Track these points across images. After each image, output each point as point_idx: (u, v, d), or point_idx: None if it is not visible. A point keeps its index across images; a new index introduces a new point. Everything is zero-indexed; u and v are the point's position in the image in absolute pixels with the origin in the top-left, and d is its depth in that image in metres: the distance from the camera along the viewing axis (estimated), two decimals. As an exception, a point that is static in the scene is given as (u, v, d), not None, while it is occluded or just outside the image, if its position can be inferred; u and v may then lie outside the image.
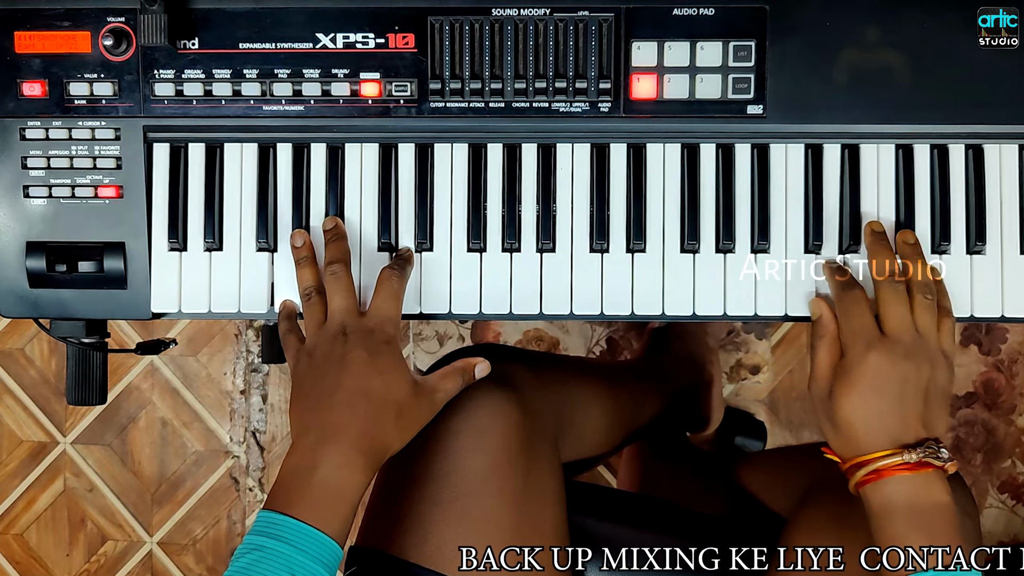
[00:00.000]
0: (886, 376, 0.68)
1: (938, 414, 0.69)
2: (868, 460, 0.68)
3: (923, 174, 0.76)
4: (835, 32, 0.75)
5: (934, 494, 0.66)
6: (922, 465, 0.66)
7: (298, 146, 0.77)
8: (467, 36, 0.75)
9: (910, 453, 0.67)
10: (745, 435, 1.32)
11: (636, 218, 0.76)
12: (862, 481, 0.68)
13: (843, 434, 0.69)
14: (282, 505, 0.65)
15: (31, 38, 0.76)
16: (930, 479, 0.66)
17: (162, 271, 0.77)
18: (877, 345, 0.69)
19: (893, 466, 0.67)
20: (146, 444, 1.41)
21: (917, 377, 0.68)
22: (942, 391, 0.70)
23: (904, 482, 0.66)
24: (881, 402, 0.68)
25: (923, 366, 0.68)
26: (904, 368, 0.68)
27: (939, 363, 0.70)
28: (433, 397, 0.73)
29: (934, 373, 0.69)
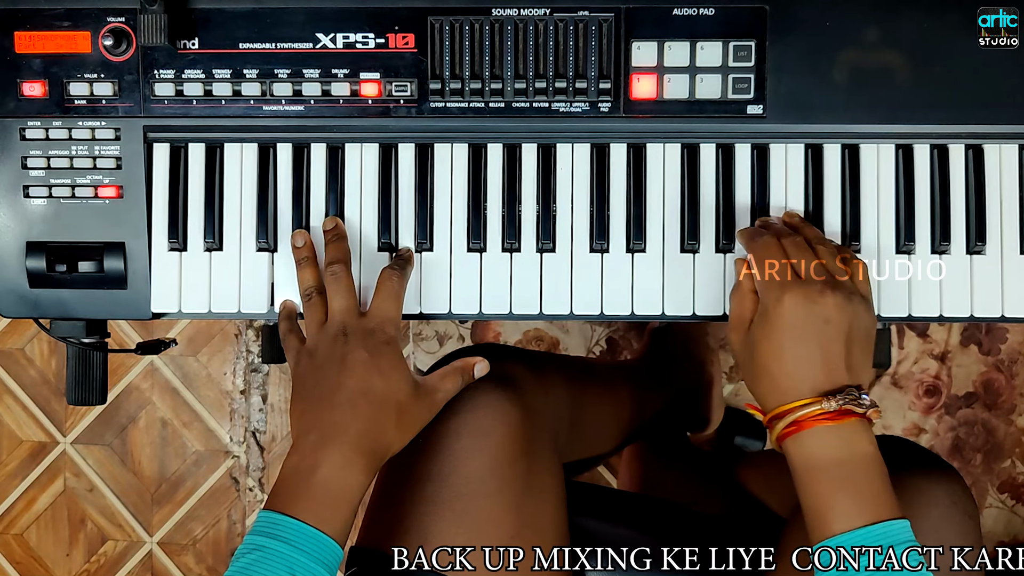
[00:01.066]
0: (805, 317, 0.65)
1: (861, 359, 0.66)
2: (787, 410, 0.65)
3: (923, 174, 0.76)
4: (835, 32, 0.75)
5: (858, 445, 0.63)
6: (843, 414, 0.63)
7: (298, 146, 0.77)
8: (467, 36, 0.75)
9: (829, 401, 0.63)
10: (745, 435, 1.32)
11: (636, 218, 0.76)
12: (782, 435, 0.65)
13: (762, 384, 0.67)
14: (282, 505, 0.65)
15: (31, 38, 0.76)
16: (854, 429, 0.63)
17: (162, 271, 0.77)
18: (792, 286, 0.66)
19: (812, 415, 0.63)
20: (146, 444, 1.41)
21: (838, 316, 0.65)
22: (865, 333, 0.67)
23: (825, 434, 0.63)
24: (800, 346, 0.65)
25: (844, 305, 0.65)
26: (823, 307, 0.65)
27: (858, 303, 0.67)
28: (433, 397, 0.73)
29: (855, 313, 0.66)
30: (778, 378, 0.66)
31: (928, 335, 1.32)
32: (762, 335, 0.67)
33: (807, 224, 0.74)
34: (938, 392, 1.32)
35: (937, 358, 1.32)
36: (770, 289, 0.67)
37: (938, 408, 1.33)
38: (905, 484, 0.75)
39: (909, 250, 0.76)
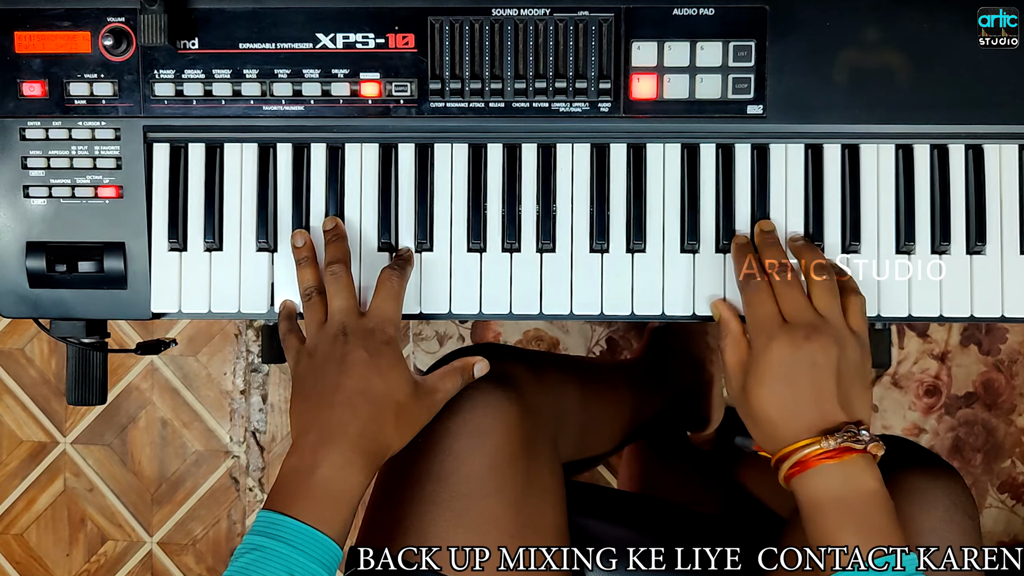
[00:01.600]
0: (792, 362, 0.67)
1: (856, 395, 0.68)
2: (790, 452, 0.66)
3: (923, 174, 0.76)
4: (835, 32, 0.75)
5: (861, 481, 0.65)
6: (844, 451, 0.65)
7: (298, 146, 0.77)
8: (467, 36, 0.75)
9: (828, 440, 0.65)
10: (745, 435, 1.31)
11: (636, 218, 0.76)
12: (788, 475, 0.67)
13: (763, 429, 0.68)
14: (282, 505, 0.65)
15: (31, 38, 0.76)
16: (857, 465, 0.65)
17: (162, 271, 0.77)
18: (778, 333, 0.68)
19: (815, 455, 0.65)
20: (146, 444, 1.41)
21: (825, 359, 0.66)
22: (856, 370, 0.68)
23: (829, 472, 0.65)
24: (792, 390, 0.67)
25: (829, 347, 0.67)
26: (809, 351, 0.66)
27: (847, 342, 0.68)
28: (433, 397, 0.73)
29: (843, 352, 0.67)
30: (776, 422, 0.67)
31: (928, 335, 1.32)
32: (755, 382, 0.68)
33: (809, 247, 0.74)
34: (938, 392, 1.32)
35: (937, 358, 1.32)
36: (758, 336, 0.69)
37: (938, 408, 1.33)
38: (905, 484, 0.76)
39: (909, 250, 0.76)
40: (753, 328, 0.70)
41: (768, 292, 0.70)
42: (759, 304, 0.70)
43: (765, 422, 0.68)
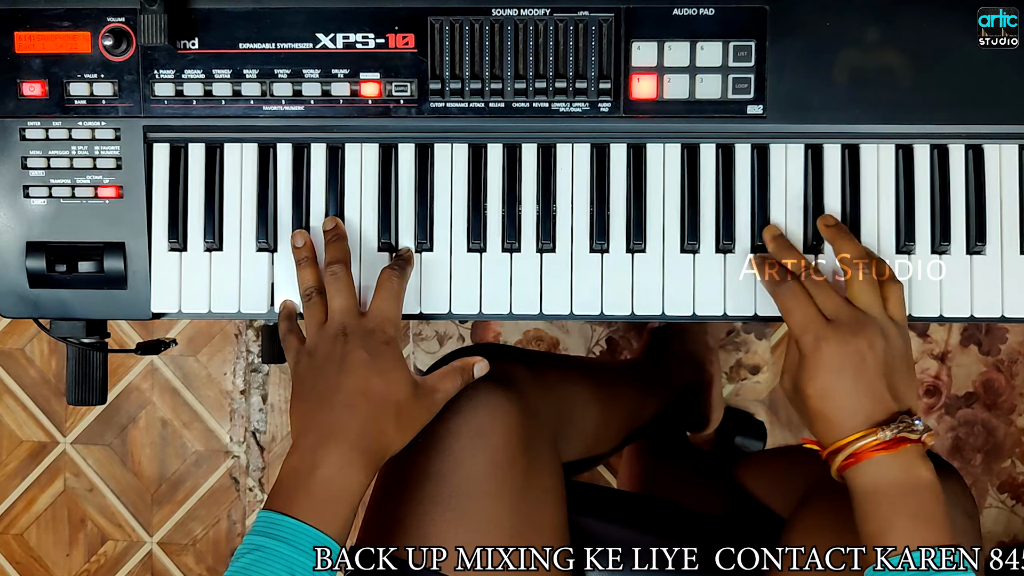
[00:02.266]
0: (841, 359, 0.67)
1: (905, 384, 0.69)
2: (844, 444, 0.67)
3: (923, 174, 0.76)
4: (835, 32, 0.75)
5: (916, 471, 0.66)
6: (899, 442, 0.66)
7: (298, 146, 0.77)
8: (467, 36, 0.75)
9: (884, 431, 0.66)
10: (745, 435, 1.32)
11: (636, 218, 0.76)
12: (842, 466, 0.67)
13: (819, 424, 0.69)
14: (282, 505, 0.65)
15: (31, 38, 0.76)
16: (910, 456, 0.66)
17: (162, 271, 0.77)
18: (823, 332, 0.68)
19: (870, 446, 0.66)
20: (146, 444, 1.41)
21: (872, 352, 0.67)
22: (902, 359, 0.69)
23: (884, 463, 0.66)
24: (843, 386, 0.67)
25: (875, 339, 0.68)
26: (856, 346, 0.67)
27: (891, 332, 0.69)
28: (433, 397, 0.73)
29: (888, 344, 0.68)
30: (831, 417, 0.68)
31: (928, 335, 1.32)
32: (807, 380, 0.69)
33: (843, 233, 0.74)
34: (938, 392, 1.32)
35: (937, 358, 1.32)
36: (803, 337, 0.69)
37: (938, 408, 1.32)
38: (905, 484, 0.75)
39: (909, 250, 0.76)
40: (797, 330, 0.70)
41: (804, 294, 0.70)
42: (797, 308, 0.70)
43: (820, 418, 0.69)
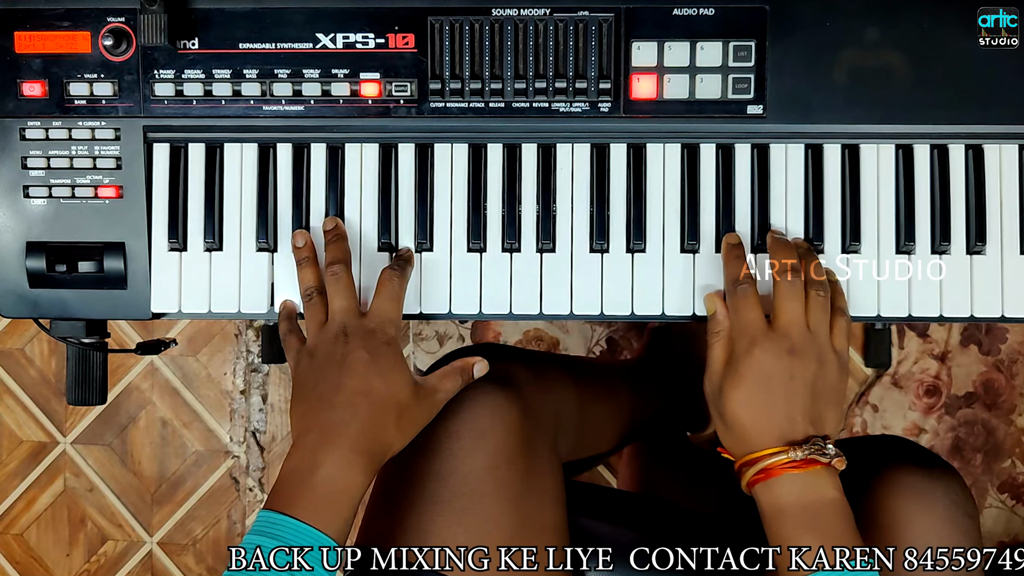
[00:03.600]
0: (771, 371, 0.68)
1: (827, 411, 0.69)
2: (756, 458, 0.68)
3: (923, 174, 0.76)
4: (835, 32, 0.75)
5: (823, 491, 0.66)
6: (809, 462, 0.66)
7: (298, 146, 0.77)
8: (467, 36, 0.75)
9: (796, 451, 0.67)
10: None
11: (636, 218, 0.76)
12: (752, 481, 0.68)
13: (733, 432, 0.70)
14: (282, 505, 0.65)
15: (31, 38, 0.76)
16: (819, 476, 0.66)
17: (162, 271, 0.77)
18: (762, 340, 0.69)
19: (780, 464, 0.67)
20: (146, 444, 1.41)
21: (803, 373, 0.68)
22: (831, 388, 0.69)
23: (792, 481, 0.67)
24: (767, 398, 0.68)
25: (809, 362, 0.68)
26: (789, 363, 0.68)
27: (828, 360, 0.69)
28: (434, 397, 0.73)
29: (822, 370, 0.69)
30: (747, 426, 0.69)
31: (928, 335, 1.32)
32: (731, 384, 0.69)
33: (814, 257, 0.74)
34: (938, 392, 1.32)
35: (937, 358, 1.32)
36: (741, 340, 0.70)
37: (938, 408, 1.32)
38: (905, 484, 0.76)
39: (909, 250, 0.76)
40: (737, 330, 0.70)
41: (756, 298, 0.71)
42: (746, 309, 0.71)
43: (735, 425, 0.69)
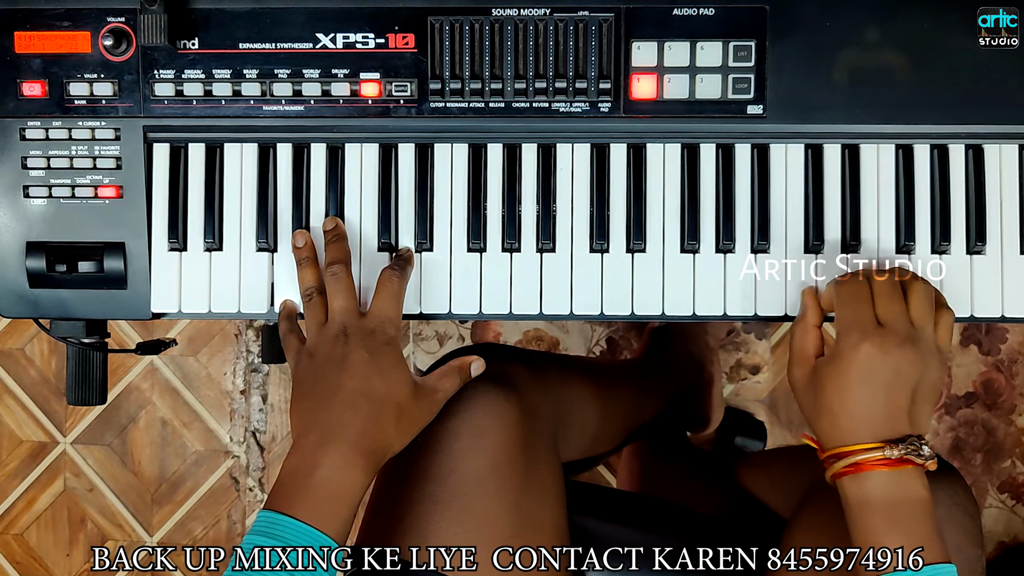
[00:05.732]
0: (878, 367, 0.67)
1: (925, 411, 0.68)
2: (849, 452, 0.67)
3: (923, 174, 0.76)
4: (835, 32, 0.75)
5: (913, 490, 0.66)
6: (903, 462, 0.66)
7: (298, 146, 0.77)
8: (467, 36, 0.75)
9: (892, 449, 0.65)
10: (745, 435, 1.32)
11: (636, 218, 0.76)
12: (840, 473, 0.67)
13: (826, 422, 0.68)
14: (283, 505, 0.65)
15: (31, 38, 0.76)
16: (910, 475, 0.66)
17: (162, 271, 0.77)
18: (872, 335, 0.67)
19: (874, 461, 0.66)
20: (146, 444, 1.41)
21: (909, 371, 0.67)
22: (931, 387, 0.69)
23: (883, 477, 0.65)
24: (868, 393, 0.67)
25: (916, 360, 0.67)
26: (897, 360, 0.67)
27: (932, 358, 0.68)
28: (433, 397, 0.73)
29: (927, 369, 0.68)
30: (841, 418, 0.67)
31: (928, 335, 1.32)
32: (831, 375, 0.68)
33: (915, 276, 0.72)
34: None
35: (937, 358, 1.32)
36: (849, 332, 0.68)
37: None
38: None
39: (909, 250, 0.76)
40: (843, 323, 0.69)
41: (867, 293, 0.70)
42: (857, 302, 0.69)
43: (828, 415, 0.68)
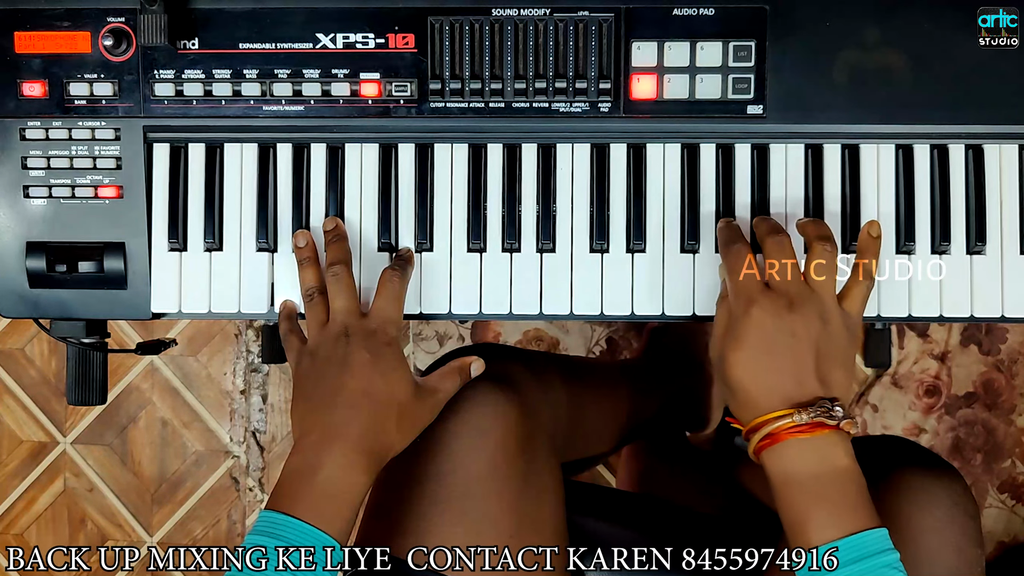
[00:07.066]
0: (771, 330, 0.65)
1: (836, 373, 0.66)
2: (761, 423, 0.65)
3: (923, 174, 0.76)
4: (835, 32, 0.75)
5: (835, 458, 0.63)
6: (817, 426, 0.63)
7: (298, 146, 0.77)
8: (467, 36, 0.75)
9: (801, 413, 0.63)
10: (745, 435, 1.31)
11: (636, 218, 0.76)
12: (758, 447, 0.65)
13: (738, 397, 0.67)
14: (284, 505, 0.65)
15: (31, 38, 0.76)
16: (829, 441, 0.63)
17: (162, 271, 0.77)
18: (759, 298, 0.66)
19: (786, 428, 0.63)
20: (146, 444, 1.41)
21: (806, 331, 0.65)
22: (839, 349, 0.66)
23: (802, 448, 0.63)
24: (769, 359, 0.65)
25: (812, 319, 0.65)
26: (790, 321, 0.65)
27: (832, 317, 0.66)
28: (434, 398, 0.73)
29: (827, 328, 0.65)
30: (750, 390, 0.66)
31: (928, 335, 1.32)
32: (732, 347, 0.67)
33: (814, 221, 0.72)
34: (938, 392, 1.32)
35: (937, 358, 1.32)
36: (738, 299, 0.67)
37: (938, 408, 1.32)
38: (906, 484, 0.75)
39: (909, 250, 0.76)
40: (733, 292, 0.68)
41: (749, 258, 0.69)
42: (740, 269, 0.68)
43: (739, 390, 0.66)
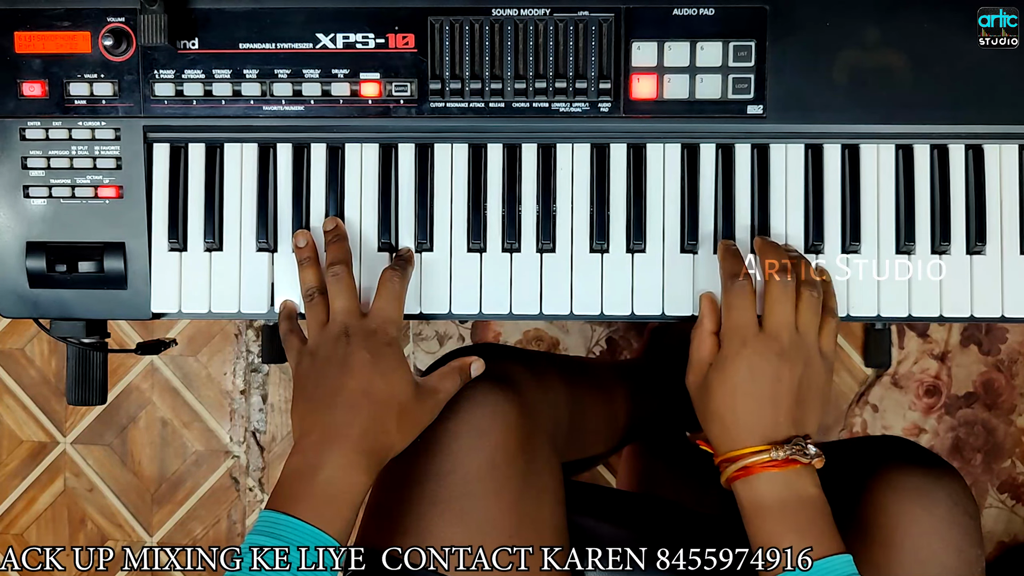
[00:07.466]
0: (759, 373, 0.69)
1: (810, 413, 0.71)
2: (738, 456, 0.69)
3: (923, 174, 0.76)
4: (835, 32, 0.75)
5: (802, 488, 0.68)
6: (789, 462, 0.68)
7: (298, 146, 0.77)
8: (467, 36, 0.75)
9: (777, 450, 0.68)
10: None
11: (636, 218, 0.76)
12: (732, 477, 0.70)
13: (717, 428, 0.71)
14: (284, 505, 0.65)
15: (31, 38, 0.76)
16: (799, 474, 0.68)
17: (162, 271, 0.77)
18: (753, 341, 0.70)
19: (761, 463, 0.68)
20: (146, 444, 1.41)
21: (790, 376, 0.69)
22: (816, 390, 0.71)
23: (772, 478, 0.68)
24: (752, 399, 0.69)
25: (796, 366, 0.70)
26: (777, 366, 0.69)
27: (814, 362, 0.71)
28: (435, 398, 0.73)
29: (808, 372, 0.70)
30: (730, 424, 0.70)
31: (928, 335, 1.32)
32: (718, 381, 0.71)
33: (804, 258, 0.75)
34: (938, 392, 1.32)
35: (937, 358, 1.32)
36: (732, 340, 0.71)
37: (938, 408, 1.32)
38: (906, 484, 0.76)
39: (909, 250, 0.76)
40: (728, 329, 0.71)
41: (751, 298, 0.71)
42: (740, 309, 0.71)
43: (718, 421, 0.71)
